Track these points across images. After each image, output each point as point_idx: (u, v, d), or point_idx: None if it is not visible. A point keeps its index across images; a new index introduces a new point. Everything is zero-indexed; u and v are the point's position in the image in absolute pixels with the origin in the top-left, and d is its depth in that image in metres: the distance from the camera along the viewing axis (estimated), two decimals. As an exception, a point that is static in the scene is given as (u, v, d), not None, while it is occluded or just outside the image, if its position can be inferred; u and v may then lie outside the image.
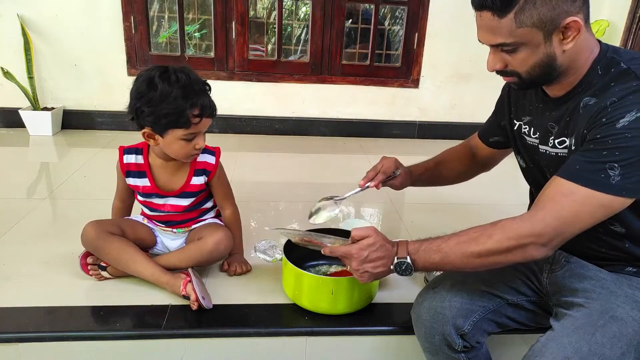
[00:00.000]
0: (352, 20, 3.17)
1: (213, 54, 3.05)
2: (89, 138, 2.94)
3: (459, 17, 2.91)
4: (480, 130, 1.35)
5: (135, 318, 1.28)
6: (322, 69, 3.13)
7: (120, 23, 2.89)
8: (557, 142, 1.00)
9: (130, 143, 1.44)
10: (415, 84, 3.21)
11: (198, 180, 1.42)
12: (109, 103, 3.02)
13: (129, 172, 1.41)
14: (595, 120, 0.89)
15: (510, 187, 2.19)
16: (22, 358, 1.21)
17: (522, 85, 0.99)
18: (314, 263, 1.47)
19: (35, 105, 2.88)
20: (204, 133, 1.32)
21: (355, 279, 1.07)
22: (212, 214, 1.54)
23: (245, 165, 2.54)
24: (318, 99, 3.19)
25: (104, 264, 1.39)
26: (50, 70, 2.94)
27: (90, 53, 2.93)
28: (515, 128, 1.15)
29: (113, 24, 2.89)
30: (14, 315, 1.26)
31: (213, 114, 1.30)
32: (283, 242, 1.39)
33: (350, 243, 1.05)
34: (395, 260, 1.01)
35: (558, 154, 1.00)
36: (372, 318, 1.32)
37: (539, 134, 1.06)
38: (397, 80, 3.21)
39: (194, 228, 1.49)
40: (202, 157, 1.41)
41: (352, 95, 3.20)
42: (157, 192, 1.41)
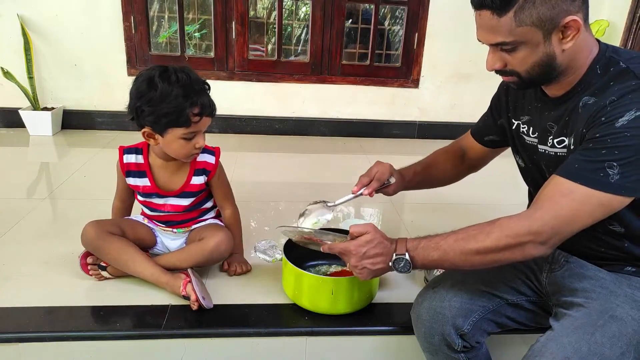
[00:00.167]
0: (352, 20, 3.17)
1: (213, 54, 3.05)
2: (89, 138, 2.94)
3: (459, 17, 2.92)
4: (474, 129, 1.34)
5: (135, 318, 1.28)
6: (322, 69, 3.14)
7: (120, 23, 2.89)
8: (556, 141, 1.00)
9: (131, 143, 1.44)
10: (415, 84, 3.21)
11: (198, 180, 1.42)
12: (109, 103, 3.03)
13: (129, 171, 1.41)
14: (595, 120, 0.89)
15: (510, 187, 2.19)
16: (22, 358, 1.21)
17: (521, 85, 0.99)
18: (314, 263, 1.47)
19: (35, 105, 2.88)
20: (204, 132, 1.32)
21: (355, 278, 1.07)
22: (212, 214, 1.54)
23: (245, 165, 2.54)
24: (318, 99, 3.19)
25: (104, 264, 1.39)
26: (50, 70, 2.94)
27: (90, 53, 2.93)
28: (514, 127, 1.15)
29: (113, 24, 2.89)
30: (14, 315, 1.26)
31: (213, 113, 1.30)
32: (283, 242, 1.39)
33: (349, 240, 1.05)
34: (394, 257, 1.00)
35: (557, 154, 1.00)
36: (372, 318, 1.32)
37: (538, 134, 1.06)
38: (397, 80, 3.21)
39: (195, 228, 1.49)
40: (202, 156, 1.42)
41: (352, 95, 3.20)
42: (157, 191, 1.41)
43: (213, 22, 2.98)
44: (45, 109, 2.91)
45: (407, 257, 0.99)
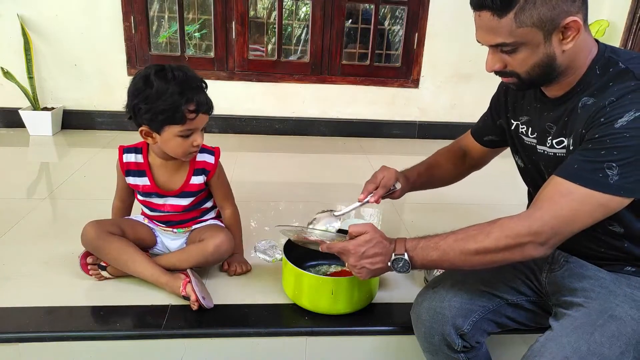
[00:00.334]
0: (352, 20, 3.17)
1: (213, 54, 3.05)
2: (89, 138, 2.94)
3: (459, 17, 2.91)
4: (474, 129, 1.35)
5: (135, 318, 1.28)
6: (322, 69, 3.14)
7: (120, 23, 2.89)
8: (555, 142, 1.00)
9: (130, 143, 1.44)
10: (415, 84, 3.22)
11: (197, 180, 1.42)
12: (109, 103, 3.03)
13: (129, 171, 1.42)
14: (594, 120, 0.89)
15: (510, 187, 2.19)
16: (22, 358, 1.21)
17: (521, 86, 0.99)
18: (314, 263, 1.47)
19: (35, 105, 2.88)
20: (202, 131, 1.32)
21: (355, 278, 1.07)
22: (212, 214, 1.54)
23: (245, 165, 2.54)
24: (318, 99, 3.19)
25: (104, 264, 1.39)
26: (50, 70, 2.94)
27: (90, 53, 2.93)
28: (513, 128, 1.15)
29: (113, 24, 2.89)
30: (14, 315, 1.26)
31: (209, 111, 1.30)
32: (283, 242, 1.39)
33: (348, 239, 1.05)
34: (393, 257, 1.00)
35: (556, 154, 1.01)
36: (372, 318, 1.33)
37: (537, 134, 1.06)
38: (397, 80, 3.21)
39: (195, 229, 1.49)
40: (201, 156, 1.42)
41: (352, 95, 3.20)
42: (156, 191, 1.42)
43: (213, 22, 2.98)
44: (45, 109, 2.91)
45: (406, 257, 0.99)
